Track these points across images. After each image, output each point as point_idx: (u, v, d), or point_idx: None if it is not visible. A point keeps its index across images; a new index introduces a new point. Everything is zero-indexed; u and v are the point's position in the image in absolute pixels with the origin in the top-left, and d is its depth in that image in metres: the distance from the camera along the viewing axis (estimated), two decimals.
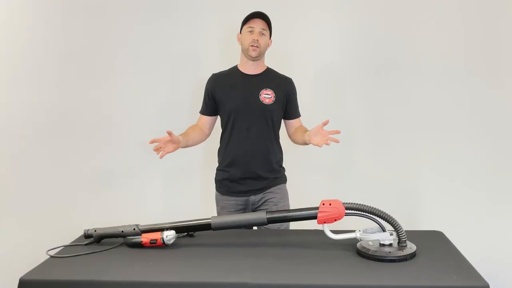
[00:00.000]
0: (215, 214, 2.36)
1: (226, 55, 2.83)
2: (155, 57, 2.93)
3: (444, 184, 2.81)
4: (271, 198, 2.32)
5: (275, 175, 2.34)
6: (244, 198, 2.33)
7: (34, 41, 2.91)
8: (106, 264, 1.72)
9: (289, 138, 2.44)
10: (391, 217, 1.77)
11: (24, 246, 2.87)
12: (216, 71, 2.41)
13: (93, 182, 2.96)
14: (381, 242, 1.76)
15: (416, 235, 1.97)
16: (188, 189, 2.94)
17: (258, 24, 2.23)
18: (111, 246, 1.87)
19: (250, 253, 1.81)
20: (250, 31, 2.23)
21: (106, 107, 2.96)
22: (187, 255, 1.79)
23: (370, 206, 1.78)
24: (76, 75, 2.93)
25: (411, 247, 1.75)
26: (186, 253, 1.82)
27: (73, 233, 2.08)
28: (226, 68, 2.43)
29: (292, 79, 2.39)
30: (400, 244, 1.76)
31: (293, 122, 2.40)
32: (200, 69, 2.89)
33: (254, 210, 2.33)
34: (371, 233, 1.79)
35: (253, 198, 2.32)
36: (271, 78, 2.34)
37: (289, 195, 2.41)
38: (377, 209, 1.78)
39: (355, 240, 1.83)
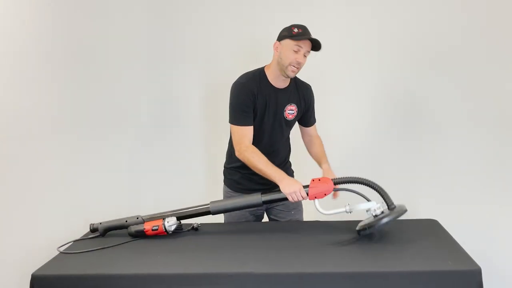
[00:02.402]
0: None
1: (233, 55, 2.88)
2: (159, 57, 2.94)
3: (439, 175, 2.85)
4: None
5: (288, 171, 2.34)
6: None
7: (32, 39, 2.91)
8: (114, 259, 1.77)
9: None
10: (377, 184, 1.90)
11: (33, 244, 2.92)
12: (227, 71, 2.29)
13: (97, 180, 3.00)
14: (373, 214, 1.87)
15: (412, 224, 2.04)
16: (192, 187, 2.99)
17: (306, 45, 2.08)
18: (120, 242, 1.92)
19: (254, 245, 1.88)
20: (296, 51, 2.07)
21: (106, 106, 2.97)
22: (193, 248, 1.86)
23: (356, 177, 1.92)
24: (79, 74, 2.95)
25: (401, 207, 1.86)
26: (192, 246, 1.89)
27: (80, 230, 2.15)
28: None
29: (311, 86, 2.33)
30: (390, 208, 1.87)
31: (310, 130, 2.37)
32: (207, 69, 2.94)
33: (268, 208, 2.35)
34: (359, 207, 1.90)
35: None
36: (295, 90, 2.26)
37: None
38: (363, 178, 1.91)
39: (353, 225, 1.91)
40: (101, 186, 3.00)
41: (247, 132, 2.15)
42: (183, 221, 2.06)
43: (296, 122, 2.36)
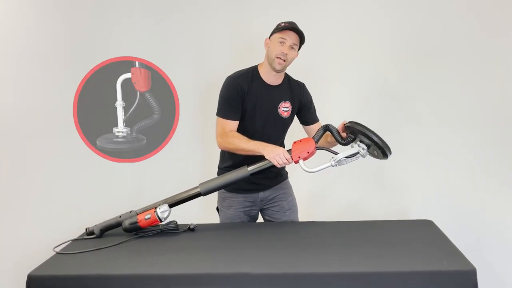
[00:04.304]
0: (214, 210, 2.40)
1: (229, 55, 2.90)
2: (155, 57, 2.95)
3: (433, 175, 2.87)
4: (280, 194, 2.33)
5: (281, 171, 2.36)
6: (253, 195, 2.31)
7: (33, 40, 2.92)
8: (111, 259, 1.77)
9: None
10: (333, 126, 2.05)
11: (28, 244, 2.91)
12: (222, 72, 2.28)
13: (93, 180, 3.00)
14: (365, 151, 1.98)
15: (407, 224, 2.06)
16: (187, 188, 2.98)
17: (291, 37, 2.11)
18: (116, 242, 1.92)
19: (250, 245, 1.88)
20: (281, 42, 2.10)
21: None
22: (189, 249, 1.85)
23: (322, 126, 2.06)
24: (77, 74, 2.94)
25: (352, 123, 1.98)
26: (188, 246, 1.88)
27: (76, 231, 2.14)
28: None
29: (305, 84, 2.33)
30: (350, 138, 2.02)
31: (315, 127, 2.29)
32: (202, 70, 2.94)
33: (263, 208, 2.35)
34: (341, 156, 1.98)
35: (262, 194, 2.32)
36: (288, 87, 2.27)
37: None
38: (324, 125, 2.06)
39: (349, 226, 1.91)
40: (97, 187, 3.00)
41: (231, 126, 2.17)
42: (179, 222, 2.06)
43: (303, 130, 2.36)
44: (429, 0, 2.81)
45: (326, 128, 2.06)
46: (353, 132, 1.98)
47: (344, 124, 2.05)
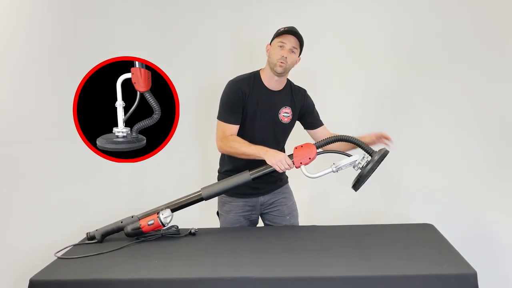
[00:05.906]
0: (215, 214, 2.40)
1: (230, 58, 2.90)
2: (155, 58, 2.94)
3: (434, 178, 2.87)
4: (280, 199, 2.34)
5: (281, 176, 2.36)
6: (253, 199, 2.31)
7: (34, 40, 2.92)
8: (112, 264, 1.77)
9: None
10: (353, 137, 1.98)
11: (28, 247, 2.91)
12: (224, 77, 2.28)
13: (92, 181, 3.00)
14: (360, 167, 1.93)
15: (408, 228, 2.06)
16: (187, 192, 2.99)
17: (290, 41, 2.13)
18: (117, 247, 1.92)
19: (251, 249, 1.88)
20: (281, 47, 2.12)
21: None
22: (190, 253, 1.86)
23: (335, 136, 2.01)
24: (75, 75, 2.94)
25: (381, 150, 1.92)
26: (189, 251, 1.89)
27: (76, 234, 2.15)
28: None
29: (306, 90, 2.34)
30: (372, 154, 1.93)
31: (321, 131, 2.33)
32: (203, 73, 2.95)
33: (263, 212, 2.35)
34: (343, 163, 1.95)
35: (262, 199, 2.32)
36: (289, 93, 2.27)
37: None
38: (342, 135, 2.00)
39: (349, 230, 1.92)
40: (97, 187, 3.00)
41: (232, 129, 2.18)
42: (180, 226, 2.07)
43: (305, 135, 2.35)
44: (428, 5, 2.81)
45: (342, 139, 2.01)
46: (377, 155, 1.93)
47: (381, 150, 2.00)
